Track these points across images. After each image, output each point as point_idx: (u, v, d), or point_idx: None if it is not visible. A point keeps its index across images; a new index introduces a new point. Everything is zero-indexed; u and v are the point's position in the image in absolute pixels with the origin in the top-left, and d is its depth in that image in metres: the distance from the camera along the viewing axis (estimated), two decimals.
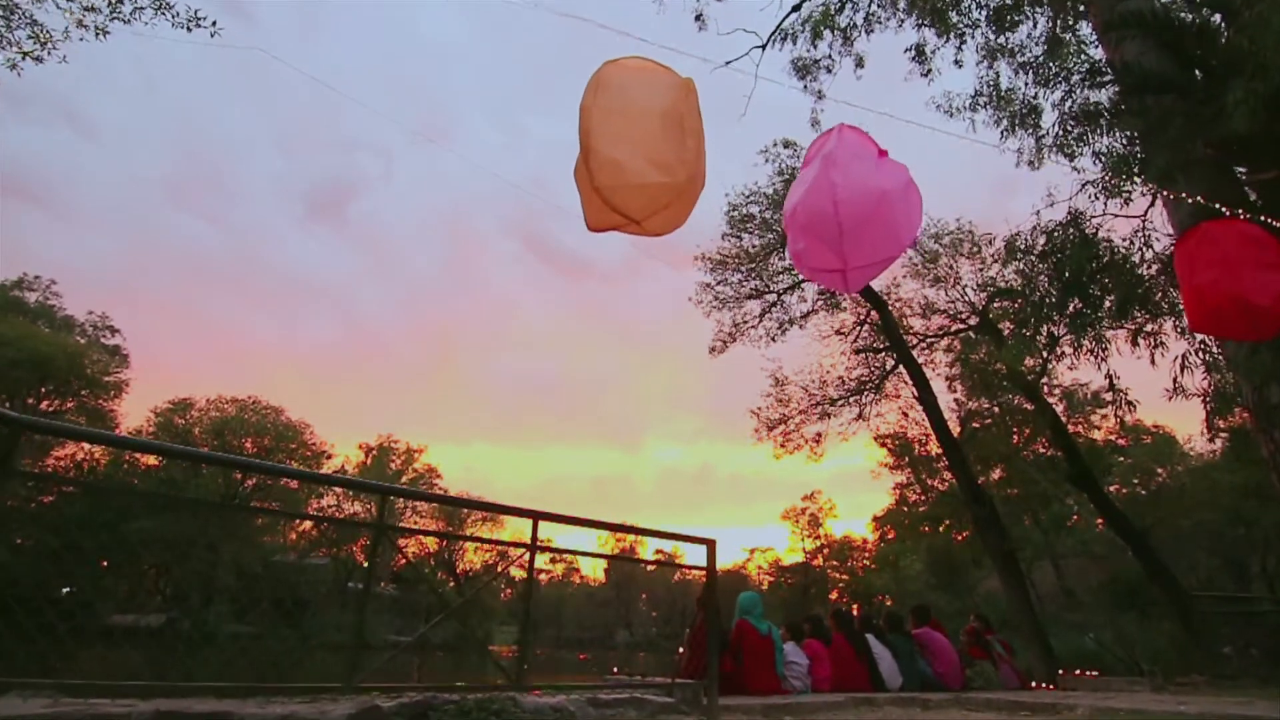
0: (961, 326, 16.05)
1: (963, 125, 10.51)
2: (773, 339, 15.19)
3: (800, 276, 15.27)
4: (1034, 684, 7.47)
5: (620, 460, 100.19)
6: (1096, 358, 8.24)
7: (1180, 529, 22.14)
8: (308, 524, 37.71)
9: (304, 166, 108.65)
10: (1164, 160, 6.30)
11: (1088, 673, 7.51)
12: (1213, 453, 24.97)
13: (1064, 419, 15.17)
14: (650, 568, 75.50)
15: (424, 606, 43.37)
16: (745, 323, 15.11)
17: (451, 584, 48.30)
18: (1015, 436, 17.69)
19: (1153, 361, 11.30)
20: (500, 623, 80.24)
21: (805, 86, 12.76)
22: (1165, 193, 7.06)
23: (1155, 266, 10.81)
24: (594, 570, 77.18)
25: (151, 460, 32.23)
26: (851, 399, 15.54)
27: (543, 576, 77.41)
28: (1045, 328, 8.52)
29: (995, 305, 15.32)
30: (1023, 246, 8.39)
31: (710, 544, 4.21)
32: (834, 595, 56.98)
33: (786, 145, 15.59)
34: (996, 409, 15.06)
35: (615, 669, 6.75)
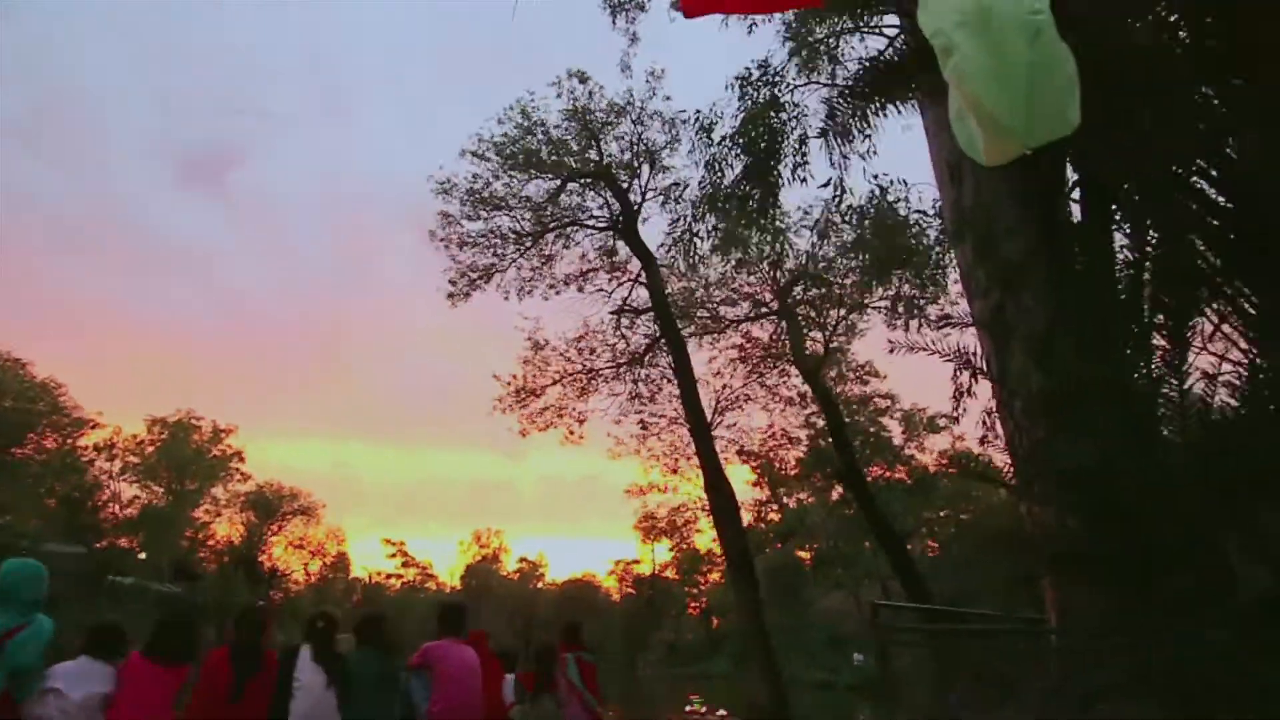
0: (763, 313, 14.33)
1: None
2: (529, 292, 12.77)
3: (569, 217, 12.98)
4: None
5: (502, 467, 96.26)
6: (774, 246, 6.25)
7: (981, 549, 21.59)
8: (54, 502, 31.54)
9: (181, 126, 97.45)
10: None
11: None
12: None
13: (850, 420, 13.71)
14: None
15: (204, 606, 37.66)
16: (495, 266, 12.59)
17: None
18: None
19: (907, 328, 9.74)
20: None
21: (614, 23, 10.68)
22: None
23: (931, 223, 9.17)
24: (451, 578, 72.80)
25: None
26: (623, 372, 13.33)
27: (394, 581, 72.19)
28: (714, 223, 6.43)
29: (796, 289, 13.71)
30: (708, 124, 6.30)
31: None
32: (691, 610, 55.59)
33: (581, 79, 13.30)
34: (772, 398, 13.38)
35: None
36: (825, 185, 5.71)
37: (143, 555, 36.74)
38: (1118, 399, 5.46)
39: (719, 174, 6.32)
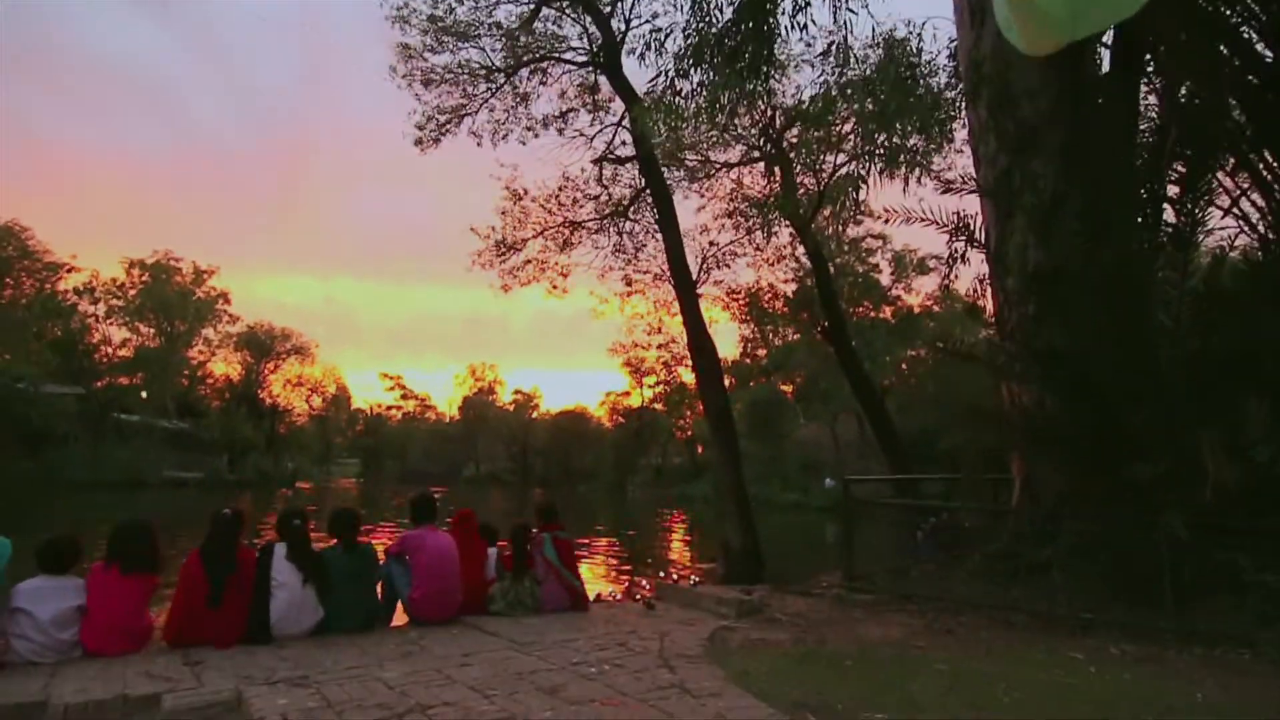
0: (754, 157, 13.41)
1: None
2: (503, 137, 11.81)
3: (544, 49, 11.68)
4: (630, 595, 5.54)
5: (495, 301, 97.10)
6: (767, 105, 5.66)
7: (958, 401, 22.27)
8: (43, 346, 31.55)
9: None
10: None
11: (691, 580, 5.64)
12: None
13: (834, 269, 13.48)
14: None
15: (211, 441, 39.34)
16: (465, 107, 11.51)
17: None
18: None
19: (906, 184, 9.21)
20: (343, 457, 77.91)
21: None
22: None
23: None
24: (449, 409, 75.67)
25: None
26: (606, 223, 12.75)
27: (395, 412, 75.20)
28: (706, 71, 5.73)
29: (791, 133, 12.75)
30: None
31: None
32: (678, 435, 57.99)
33: None
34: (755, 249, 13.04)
35: None
36: (825, 54, 4.97)
37: (145, 394, 37.50)
38: (1115, 278, 5.22)
39: (706, 18, 5.44)
